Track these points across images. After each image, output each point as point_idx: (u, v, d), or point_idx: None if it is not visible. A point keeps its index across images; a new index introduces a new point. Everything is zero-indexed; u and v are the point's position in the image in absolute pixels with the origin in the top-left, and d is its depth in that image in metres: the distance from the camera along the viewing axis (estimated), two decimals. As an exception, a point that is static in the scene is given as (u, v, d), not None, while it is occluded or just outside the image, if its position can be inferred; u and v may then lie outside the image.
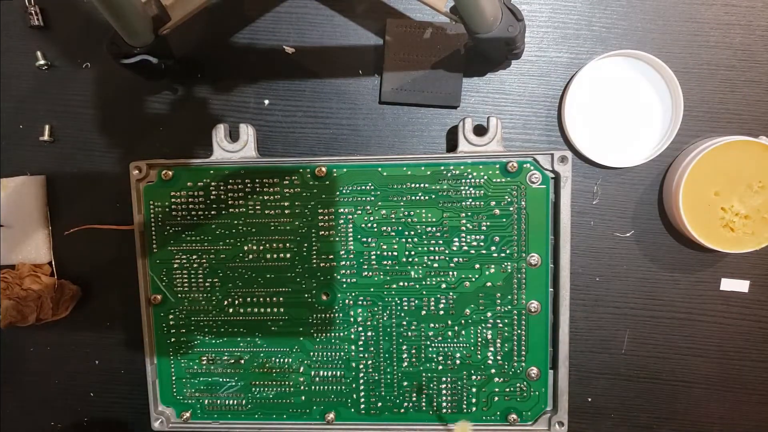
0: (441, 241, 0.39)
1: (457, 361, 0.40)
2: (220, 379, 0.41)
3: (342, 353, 0.41)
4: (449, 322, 0.40)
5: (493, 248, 0.39)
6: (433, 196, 0.39)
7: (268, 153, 0.42)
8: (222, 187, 0.40)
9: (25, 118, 0.43)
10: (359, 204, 0.40)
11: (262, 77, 0.42)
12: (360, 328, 0.40)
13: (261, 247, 0.40)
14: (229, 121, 0.42)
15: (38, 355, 0.45)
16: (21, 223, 0.43)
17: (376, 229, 0.40)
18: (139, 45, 0.36)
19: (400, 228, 0.40)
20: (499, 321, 0.40)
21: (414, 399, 0.41)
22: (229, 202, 0.40)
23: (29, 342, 0.45)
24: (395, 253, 0.40)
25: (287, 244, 0.40)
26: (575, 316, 0.42)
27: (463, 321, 0.40)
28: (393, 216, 0.40)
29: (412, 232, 0.40)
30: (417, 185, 0.39)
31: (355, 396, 0.41)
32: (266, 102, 0.43)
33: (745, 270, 0.41)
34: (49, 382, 0.45)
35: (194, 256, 0.41)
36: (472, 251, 0.39)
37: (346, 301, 0.40)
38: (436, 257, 0.40)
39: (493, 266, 0.39)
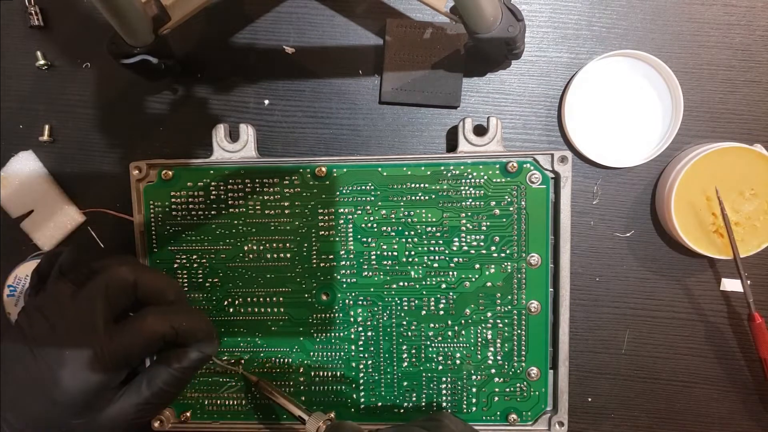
0: (441, 241, 0.39)
1: (457, 361, 0.40)
2: (220, 379, 0.41)
3: (342, 353, 0.41)
4: (449, 322, 0.40)
5: (493, 248, 0.39)
6: (433, 196, 0.39)
7: (268, 153, 0.42)
8: (222, 187, 0.40)
9: (25, 118, 0.43)
10: (359, 204, 0.40)
11: (262, 77, 0.42)
12: (360, 328, 0.40)
13: (261, 247, 0.40)
14: (229, 121, 0.42)
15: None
16: (40, 204, 0.43)
17: (376, 229, 0.40)
18: (139, 45, 0.36)
19: (400, 228, 0.40)
20: (499, 321, 0.40)
21: (414, 399, 0.41)
22: (229, 202, 0.40)
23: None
24: (395, 253, 0.40)
25: (287, 244, 0.40)
26: (575, 316, 0.42)
27: (463, 321, 0.40)
28: (393, 216, 0.40)
29: (412, 232, 0.40)
30: (417, 185, 0.39)
31: (355, 396, 0.41)
32: (266, 102, 0.43)
33: (745, 270, 0.41)
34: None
35: (194, 256, 0.41)
36: (472, 251, 0.39)
37: (346, 301, 0.40)
38: (436, 257, 0.40)
39: (493, 266, 0.39)
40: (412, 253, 0.40)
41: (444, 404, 0.40)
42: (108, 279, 0.32)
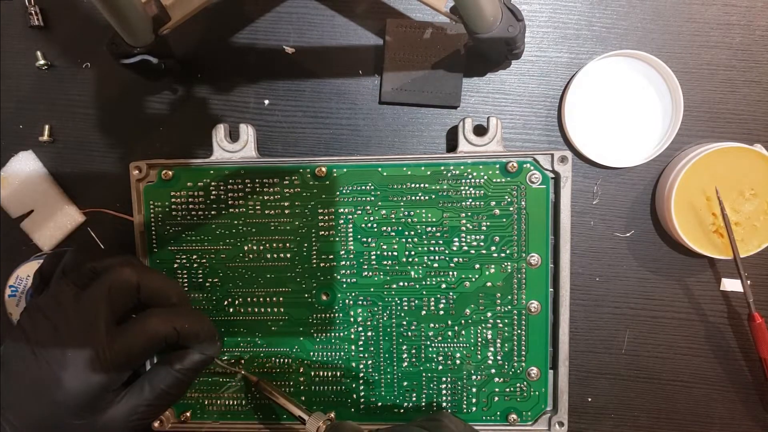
0: (441, 241, 0.39)
1: (457, 361, 0.40)
2: (220, 379, 0.41)
3: (342, 353, 0.41)
4: (449, 322, 0.40)
5: (493, 248, 0.39)
6: (433, 196, 0.39)
7: (268, 153, 0.42)
8: (222, 187, 0.40)
9: (25, 118, 0.43)
10: (359, 204, 0.40)
11: (262, 77, 0.42)
12: (360, 328, 0.40)
13: (261, 247, 0.40)
14: (229, 121, 0.42)
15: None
16: (40, 204, 0.43)
17: (376, 229, 0.40)
18: (139, 45, 0.36)
19: (400, 228, 0.40)
20: (499, 321, 0.40)
21: (414, 399, 0.41)
22: (229, 202, 0.40)
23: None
24: (395, 253, 0.40)
25: (287, 244, 0.40)
26: (575, 316, 0.42)
27: (463, 321, 0.40)
28: (393, 216, 0.40)
29: (412, 232, 0.40)
30: (417, 185, 0.39)
31: (355, 396, 0.41)
32: (266, 102, 0.43)
33: (745, 270, 0.41)
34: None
35: (194, 256, 0.41)
36: (472, 251, 0.39)
37: (346, 301, 0.40)
38: (436, 257, 0.40)
39: (493, 266, 0.39)
40: (412, 253, 0.40)
41: (444, 404, 0.40)
42: (111, 281, 0.32)
